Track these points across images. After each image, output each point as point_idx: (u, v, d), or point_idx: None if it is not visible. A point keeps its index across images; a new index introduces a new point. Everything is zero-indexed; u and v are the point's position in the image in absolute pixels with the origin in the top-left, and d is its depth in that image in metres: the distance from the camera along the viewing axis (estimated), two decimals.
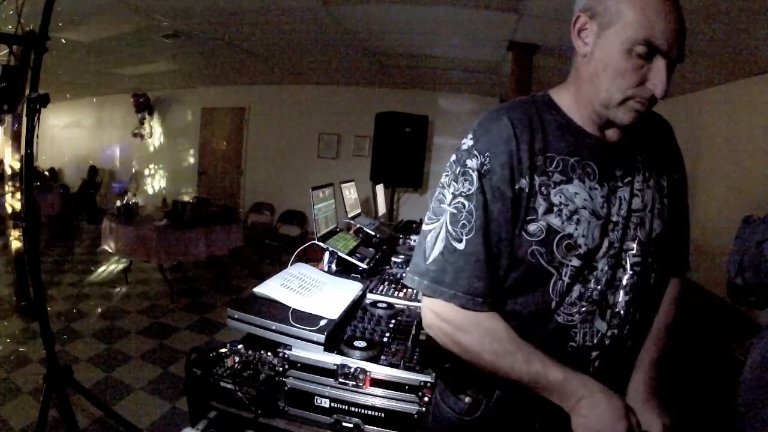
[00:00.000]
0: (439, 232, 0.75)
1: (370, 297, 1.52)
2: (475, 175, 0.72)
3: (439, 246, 0.74)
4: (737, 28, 2.56)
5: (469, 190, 0.73)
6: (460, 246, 0.72)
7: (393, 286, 1.64)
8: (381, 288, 1.60)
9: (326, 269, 1.79)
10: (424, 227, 0.78)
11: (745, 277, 1.03)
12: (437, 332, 0.78)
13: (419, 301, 1.52)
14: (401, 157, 5.25)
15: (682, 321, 0.90)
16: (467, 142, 0.76)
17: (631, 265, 0.77)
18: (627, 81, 0.69)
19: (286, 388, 1.04)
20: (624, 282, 0.76)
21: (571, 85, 0.79)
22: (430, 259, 0.75)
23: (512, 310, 0.77)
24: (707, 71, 3.47)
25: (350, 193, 2.66)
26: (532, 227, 0.72)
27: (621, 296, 0.76)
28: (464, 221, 0.72)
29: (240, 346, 1.10)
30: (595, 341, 0.76)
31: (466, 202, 0.73)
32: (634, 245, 0.77)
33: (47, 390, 1.73)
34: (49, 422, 1.71)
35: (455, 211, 0.73)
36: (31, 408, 2.15)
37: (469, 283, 0.72)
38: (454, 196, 0.74)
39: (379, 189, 3.44)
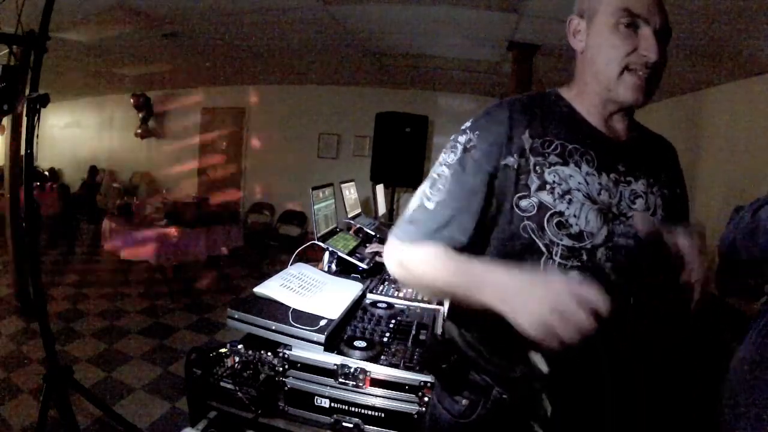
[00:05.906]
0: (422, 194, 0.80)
1: (370, 297, 1.52)
2: (460, 148, 0.78)
3: (415, 203, 0.80)
4: (737, 28, 2.56)
5: (453, 159, 0.78)
6: (430, 206, 0.78)
7: (393, 286, 1.65)
8: (381, 288, 1.60)
9: (326, 269, 1.79)
10: (417, 192, 0.82)
11: (737, 250, 1.00)
12: (393, 268, 0.81)
13: (419, 301, 1.53)
14: (401, 157, 5.24)
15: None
16: (466, 124, 0.81)
17: None
18: (619, 50, 0.74)
19: (286, 388, 1.04)
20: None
21: (575, 84, 0.83)
22: (408, 213, 0.80)
23: None
24: (707, 71, 3.47)
25: (350, 193, 2.66)
26: (524, 203, 0.74)
27: None
28: (439, 185, 0.78)
29: (240, 346, 1.10)
30: None
31: (446, 170, 0.78)
32: (635, 244, 0.77)
33: (47, 390, 1.73)
34: (49, 422, 1.71)
35: (435, 176, 0.79)
36: (31, 408, 2.15)
37: (430, 239, 0.76)
38: (439, 165, 0.80)
39: (379, 189, 3.43)
